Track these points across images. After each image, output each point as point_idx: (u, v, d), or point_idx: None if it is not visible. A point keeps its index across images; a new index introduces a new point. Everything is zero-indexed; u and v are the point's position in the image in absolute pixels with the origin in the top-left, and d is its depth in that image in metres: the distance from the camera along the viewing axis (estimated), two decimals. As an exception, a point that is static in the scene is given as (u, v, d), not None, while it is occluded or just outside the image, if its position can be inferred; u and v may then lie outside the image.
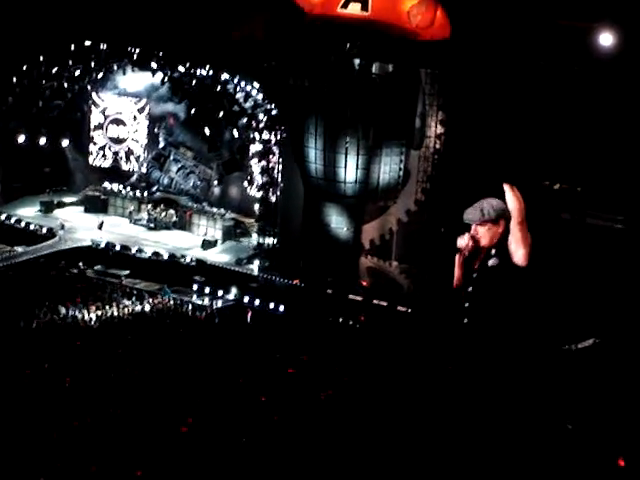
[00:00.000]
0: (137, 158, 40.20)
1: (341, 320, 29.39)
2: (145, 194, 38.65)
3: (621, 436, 12.36)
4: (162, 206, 38.03)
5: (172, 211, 37.84)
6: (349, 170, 31.34)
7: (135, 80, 38.68)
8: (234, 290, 31.59)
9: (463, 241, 8.03)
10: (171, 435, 17.19)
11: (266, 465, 14.61)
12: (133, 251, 34.13)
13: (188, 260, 33.64)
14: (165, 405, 19.70)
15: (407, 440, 12.45)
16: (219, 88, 34.71)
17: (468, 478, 8.58)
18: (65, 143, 39.55)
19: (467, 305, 8.05)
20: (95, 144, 40.69)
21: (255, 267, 33.23)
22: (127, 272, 33.13)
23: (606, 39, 25.62)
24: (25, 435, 16.25)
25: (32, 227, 35.90)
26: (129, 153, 40.27)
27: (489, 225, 7.87)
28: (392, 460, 12.27)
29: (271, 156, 34.57)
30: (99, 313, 27.62)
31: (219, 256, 34.76)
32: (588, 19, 26.18)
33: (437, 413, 12.01)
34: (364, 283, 32.02)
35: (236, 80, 34.37)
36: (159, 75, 35.83)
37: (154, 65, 35.25)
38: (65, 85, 37.83)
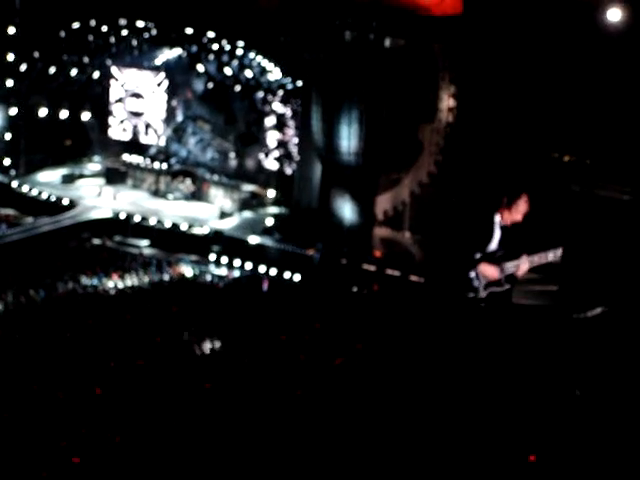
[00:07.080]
0: (156, 131, 40.78)
1: (355, 289, 29.98)
2: (164, 166, 39.27)
3: (627, 403, 12.77)
4: (180, 178, 38.61)
5: (190, 182, 38.42)
6: (359, 142, 31.77)
7: (154, 54, 39.29)
8: (250, 260, 32.16)
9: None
10: (191, 399, 17.84)
11: (281, 430, 15.20)
12: (152, 222, 34.77)
13: (206, 231, 34.22)
14: (184, 372, 20.36)
15: (419, 405, 12.97)
16: (236, 62, 35.18)
17: (480, 440, 9.11)
18: (86, 116, 40.18)
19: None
20: (115, 117, 41.29)
21: (270, 238, 33.77)
22: (147, 242, 33.89)
23: (614, 14, 26.07)
24: (47, 402, 16.91)
25: (53, 198, 36.48)
26: (148, 126, 40.85)
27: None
28: (406, 428, 12.81)
29: (287, 129, 35.07)
30: (119, 282, 28.30)
31: (236, 227, 35.27)
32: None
33: (449, 379, 12.53)
34: (377, 253, 32.53)
35: (252, 54, 34.84)
36: (177, 50, 36.34)
37: (172, 40, 35.75)
38: (86, 60, 38.55)
